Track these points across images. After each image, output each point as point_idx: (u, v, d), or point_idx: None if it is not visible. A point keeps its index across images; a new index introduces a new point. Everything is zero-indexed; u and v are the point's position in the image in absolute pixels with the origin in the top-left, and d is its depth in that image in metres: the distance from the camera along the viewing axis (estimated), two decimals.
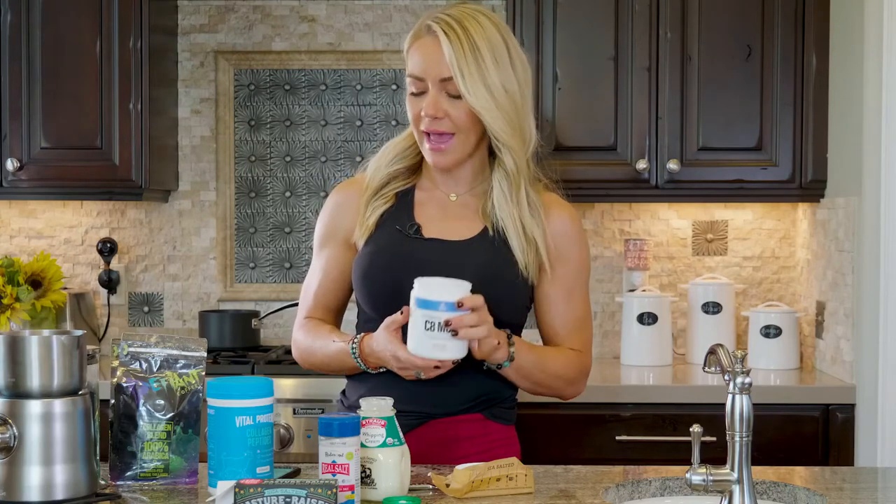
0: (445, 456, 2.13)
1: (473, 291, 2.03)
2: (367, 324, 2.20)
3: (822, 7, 3.40)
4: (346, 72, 3.84)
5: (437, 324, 1.98)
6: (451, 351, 2.00)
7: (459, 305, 1.98)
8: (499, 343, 2.07)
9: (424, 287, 1.99)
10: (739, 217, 3.78)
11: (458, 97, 2.12)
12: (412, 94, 2.17)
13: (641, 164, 3.43)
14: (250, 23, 3.84)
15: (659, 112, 3.44)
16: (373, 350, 2.11)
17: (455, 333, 1.98)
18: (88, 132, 3.51)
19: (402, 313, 2.04)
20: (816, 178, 3.44)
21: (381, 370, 2.15)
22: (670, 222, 3.80)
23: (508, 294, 2.16)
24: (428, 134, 2.16)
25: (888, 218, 2.98)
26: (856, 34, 3.17)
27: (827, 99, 3.41)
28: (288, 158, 3.85)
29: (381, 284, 2.17)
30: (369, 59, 3.83)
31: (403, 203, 2.24)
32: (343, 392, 2.30)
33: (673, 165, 3.42)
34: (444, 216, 2.23)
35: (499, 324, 2.08)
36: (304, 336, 2.26)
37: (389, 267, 2.17)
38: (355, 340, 2.15)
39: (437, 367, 2.04)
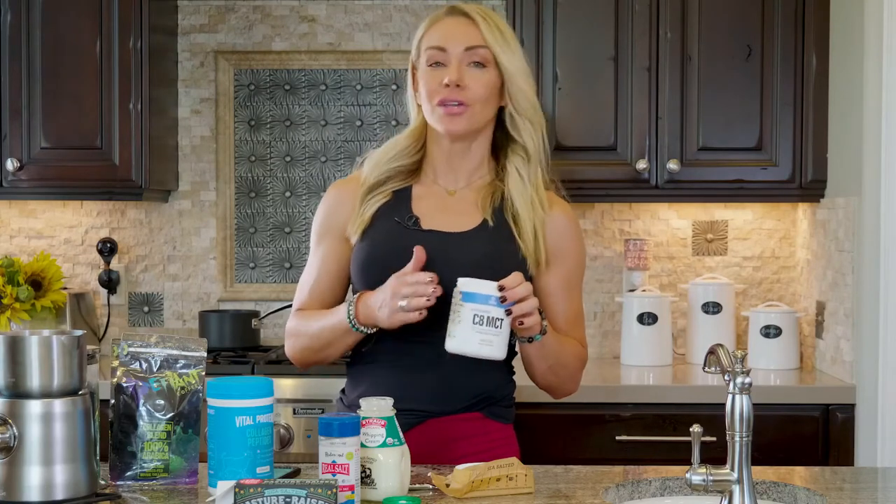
0: (444, 455, 2.13)
1: None
2: None
3: (822, 7, 3.40)
4: (346, 72, 3.84)
5: (486, 318, 1.99)
6: (496, 347, 2.01)
7: (501, 289, 1.99)
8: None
9: (473, 283, 2.00)
10: (739, 217, 3.78)
11: (482, 66, 2.17)
12: (430, 66, 2.20)
13: (641, 164, 3.43)
14: (250, 23, 3.84)
15: (659, 112, 3.44)
16: (367, 301, 2.10)
17: (509, 313, 1.99)
18: (88, 132, 3.51)
19: (431, 291, 2.03)
20: (816, 178, 3.44)
21: (372, 330, 2.13)
22: (670, 222, 3.80)
23: None
24: (443, 104, 2.18)
25: (888, 218, 2.98)
26: (856, 34, 3.17)
27: (827, 99, 3.41)
28: (288, 158, 3.85)
29: (380, 276, 2.16)
30: (369, 59, 3.83)
31: (401, 198, 2.25)
32: (342, 391, 2.30)
33: (673, 165, 3.42)
34: (442, 209, 2.24)
35: None
36: (297, 321, 2.27)
37: (388, 258, 2.17)
38: (352, 298, 2.15)
39: (420, 313, 2.03)
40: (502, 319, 2.00)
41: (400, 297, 2.04)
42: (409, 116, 2.29)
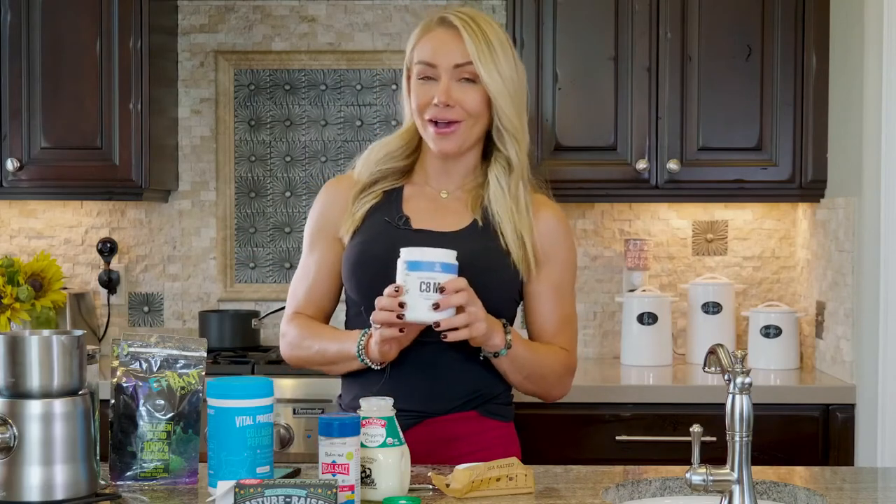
0: (442, 455, 2.13)
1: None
2: (357, 317, 2.21)
3: (822, 7, 3.40)
4: (346, 72, 3.84)
5: (433, 284, 1.98)
6: (447, 311, 2.00)
7: (442, 290, 1.98)
8: (495, 330, 2.08)
9: (416, 252, 2.00)
10: (739, 217, 3.78)
11: (472, 81, 2.15)
12: (420, 79, 2.18)
13: (641, 164, 3.43)
14: (250, 23, 3.84)
15: (659, 112, 3.44)
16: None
17: (444, 336, 2.00)
18: (88, 132, 3.51)
19: (397, 305, 2.01)
20: (816, 178, 3.44)
21: (378, 366, 2.14)
22: (670, 222, 3.80)
23: (497, 285, 2.17)
24: (434, 121, 2.17)
25: (888, 218, 2.98)
26: (856, 34, 3.17)
27: (827, 99, 3.41)
28: (288, 158, 3.85)
29: (370, 275, 2.17)
30: (369, 59, 3.83)
31: (391, 199, 2.25)
32: (340, 395, 2.30)
33: (673, 165, 3.42)
34: (433, 209, 2.24)
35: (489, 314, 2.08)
36: (298, 330, 2.25)
37: (378, 259, 2.16)
38: (362, 338, 2.14)
39: (403, 330, 2.03)
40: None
41: (376, 325, 2.04)
42: (404, 116, 2.28)
